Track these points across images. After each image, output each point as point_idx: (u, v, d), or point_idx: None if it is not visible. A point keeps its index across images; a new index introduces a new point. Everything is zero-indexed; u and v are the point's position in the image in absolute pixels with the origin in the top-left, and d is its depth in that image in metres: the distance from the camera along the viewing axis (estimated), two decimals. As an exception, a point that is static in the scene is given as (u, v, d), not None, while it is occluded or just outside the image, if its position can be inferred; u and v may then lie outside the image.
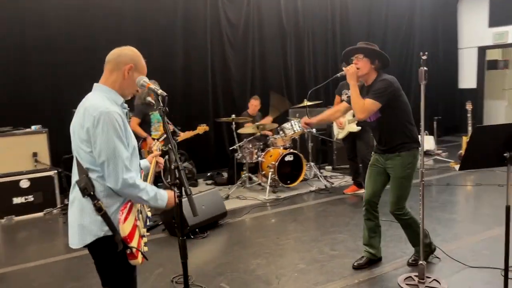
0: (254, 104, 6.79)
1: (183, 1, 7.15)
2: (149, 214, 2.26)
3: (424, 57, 3.02)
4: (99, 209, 1.93)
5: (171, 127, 5.22)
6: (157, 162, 2.50)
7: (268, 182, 5.99)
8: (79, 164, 1.99)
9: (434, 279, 3.28)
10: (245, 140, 6.24)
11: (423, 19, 10.27)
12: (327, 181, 6.52)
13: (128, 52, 2.14)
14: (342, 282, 3.35)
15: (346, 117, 5.73)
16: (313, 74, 8.71)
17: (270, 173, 5.98)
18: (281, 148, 6.29)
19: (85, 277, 3.59)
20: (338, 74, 3.44)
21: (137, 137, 5.48)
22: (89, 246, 2.01)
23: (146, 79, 2.03)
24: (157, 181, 6.00)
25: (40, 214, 5.38)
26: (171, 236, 4.51)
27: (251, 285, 3.36)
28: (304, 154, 6.68)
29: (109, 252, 1.97)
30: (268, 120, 6.61)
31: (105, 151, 1.90)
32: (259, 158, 6.27)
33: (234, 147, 6.27)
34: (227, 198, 5.85)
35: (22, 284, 3.55)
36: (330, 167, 7.62)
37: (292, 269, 3.60)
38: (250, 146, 6.29)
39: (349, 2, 9.07)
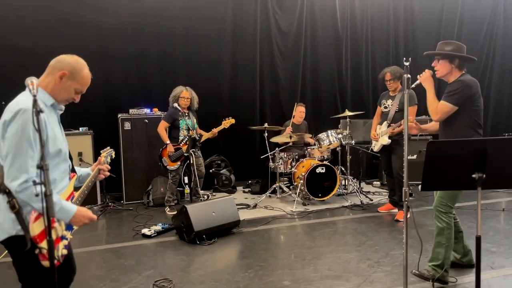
0: (301, 111, 6.65)
1: (232, 10, 7.29)
2: None
3: (407, 64, 2.71)
4: (12, 207, 1.94)
5: (191, 133, 5.34)
6: (99, 171, 2.51)
7: (297, 194, 5.80)
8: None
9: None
10: (276, 149, 6.13)
11: (507, 24, 9.16)
12: (366, 197, 6.12)
13: (68, 60, 2.16)
14: (319, 305, 3.12)
15: (381, 128, 5.34)
16: (371, 83, 8.28)
17: (300, 185, 5.79)
18: (316, 159, 6.06)
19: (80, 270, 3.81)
20: (413, 85, 3.41)
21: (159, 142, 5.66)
22: (3, 243, 2.05)
23: (34, 79, 1.89)
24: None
25: (81, 209, 5.82)
26: (180, 240, 4.59)
27: (224, 296, 3.28)
28: (346, 167, 6.38)
29: (21, 251, 1.98)
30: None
31: (9, 145, 1.91)
32: (293, 169, 6.11)
33: (265, 156, 6.19)
34: (254, 207, 5.79)
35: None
36: (378, 182, 7.15)
37: (275, 285, 3.44)
38: (285, 155, 6.15)
39: (416, 9, 8.46)
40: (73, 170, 2.32)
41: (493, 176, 2.13)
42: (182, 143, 5.53)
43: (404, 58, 2.73)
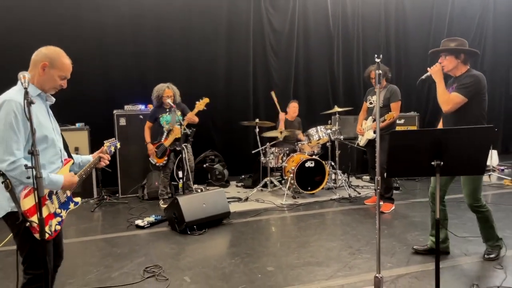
0: (294, 106, 6.86)
1: (227, 9, 7.48)
2: (69, 193, 2.51)
3: (378, 60, 2.88)
4: (6, 186, 2.20)
5: (172, 126, 5.57)
6: (100, 159, 2.73)
7: (287, 187, 5.99)
8: None
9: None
10: (267, 144, 6.32)
11: (497, 21, 9.32)
12: (354, 190, 6.31)
13: (44, 51, 2.38)
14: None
15: (367, 123, 5.53)
16: (362, 81, 8.45)
17: (290, 178, 5.98)
18: (306, 154, 6.25)
19: (74, 258, 4.00)
20: (424, 76, 3.62)
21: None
22: (3, 219, 2.30)
23: (26, 73, 2.09)
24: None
25: (78, 203, 6.01)
26: (172, 230, 4.78)
27: (210, 280, 3.46)
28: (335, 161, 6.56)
29: (17, 225, 2.23)
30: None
31: None
32: (283, 163, 6.30)
33: (256, 150, 6.38)
34: (246, 200, 5.98)
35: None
36: (368, 177, 7.33)
37: (259, 271, 3.62)
38: (276, 150, 6.34)
39: (407, 7, 8.63)
40: (70, 156, 2.54)
41: (450, 163, 2.31)
42: (163, 138, 5.74)
43: (376, 55, 2.90)
